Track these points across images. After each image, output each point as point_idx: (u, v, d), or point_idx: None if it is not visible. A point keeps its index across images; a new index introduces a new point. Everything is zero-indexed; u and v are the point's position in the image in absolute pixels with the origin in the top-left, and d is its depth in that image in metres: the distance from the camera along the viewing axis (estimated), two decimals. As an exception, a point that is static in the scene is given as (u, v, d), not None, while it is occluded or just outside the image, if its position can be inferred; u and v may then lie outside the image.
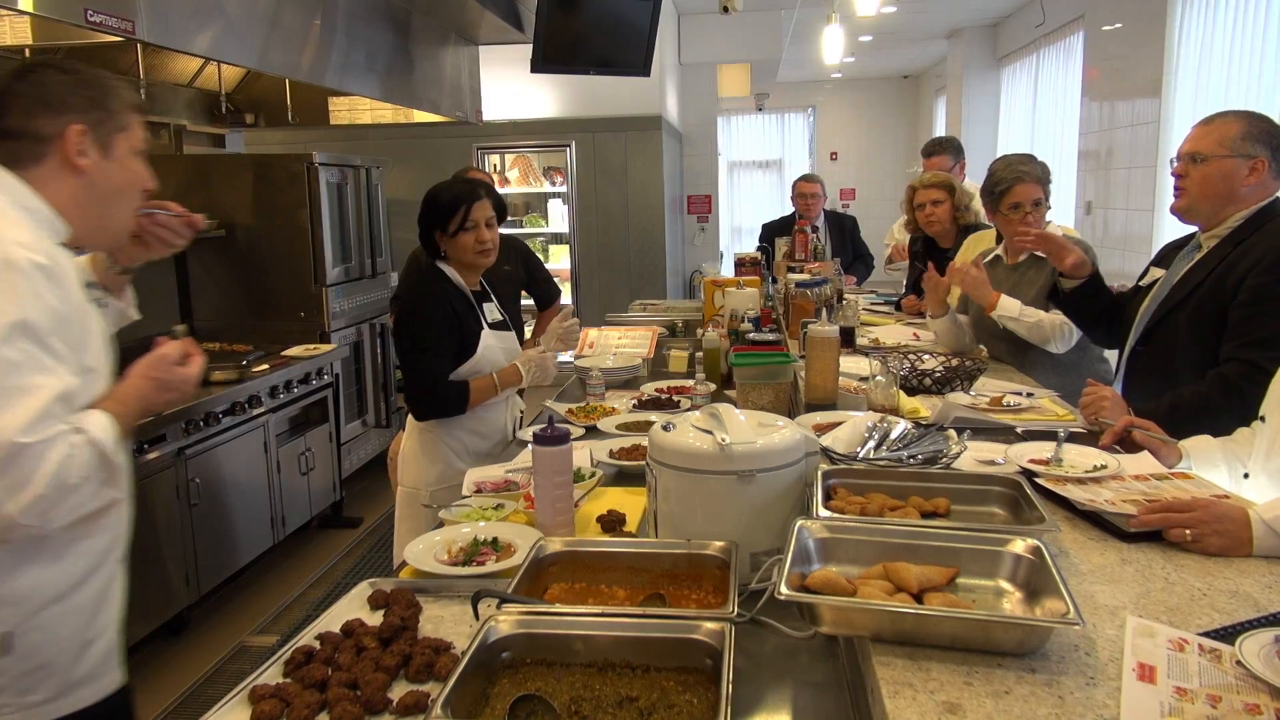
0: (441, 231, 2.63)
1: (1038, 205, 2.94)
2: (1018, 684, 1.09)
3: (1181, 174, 2.26)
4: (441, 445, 2.70)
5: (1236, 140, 2.19)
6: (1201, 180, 2.22)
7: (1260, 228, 2.18)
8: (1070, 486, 1.69)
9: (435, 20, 5.38)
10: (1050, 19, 7.89)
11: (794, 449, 1.57)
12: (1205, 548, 1.46)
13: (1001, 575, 1.33)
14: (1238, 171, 2.19)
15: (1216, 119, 2.25)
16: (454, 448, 2.71)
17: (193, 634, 3.72)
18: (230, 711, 1.19)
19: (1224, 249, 2.23)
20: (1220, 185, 2.21)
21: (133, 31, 2.73)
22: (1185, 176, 2.25)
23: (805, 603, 1.22)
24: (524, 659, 1.25)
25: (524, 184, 7.64)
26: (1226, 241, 2.23)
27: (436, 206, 2.63)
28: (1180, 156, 2.27)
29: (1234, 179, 2.19)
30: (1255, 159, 2.17)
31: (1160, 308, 2.35)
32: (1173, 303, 2.31)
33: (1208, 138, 2.22)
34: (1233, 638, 1.14)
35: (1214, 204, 2.24)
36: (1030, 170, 2.97)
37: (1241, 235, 2.21)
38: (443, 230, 2.62)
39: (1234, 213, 2.23)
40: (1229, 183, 2.20)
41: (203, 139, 5.33)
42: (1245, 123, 2.20)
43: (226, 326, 4.85)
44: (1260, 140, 2.18)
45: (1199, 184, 2.23)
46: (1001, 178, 3.00)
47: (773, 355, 2.63)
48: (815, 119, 14.08)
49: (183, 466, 3.59)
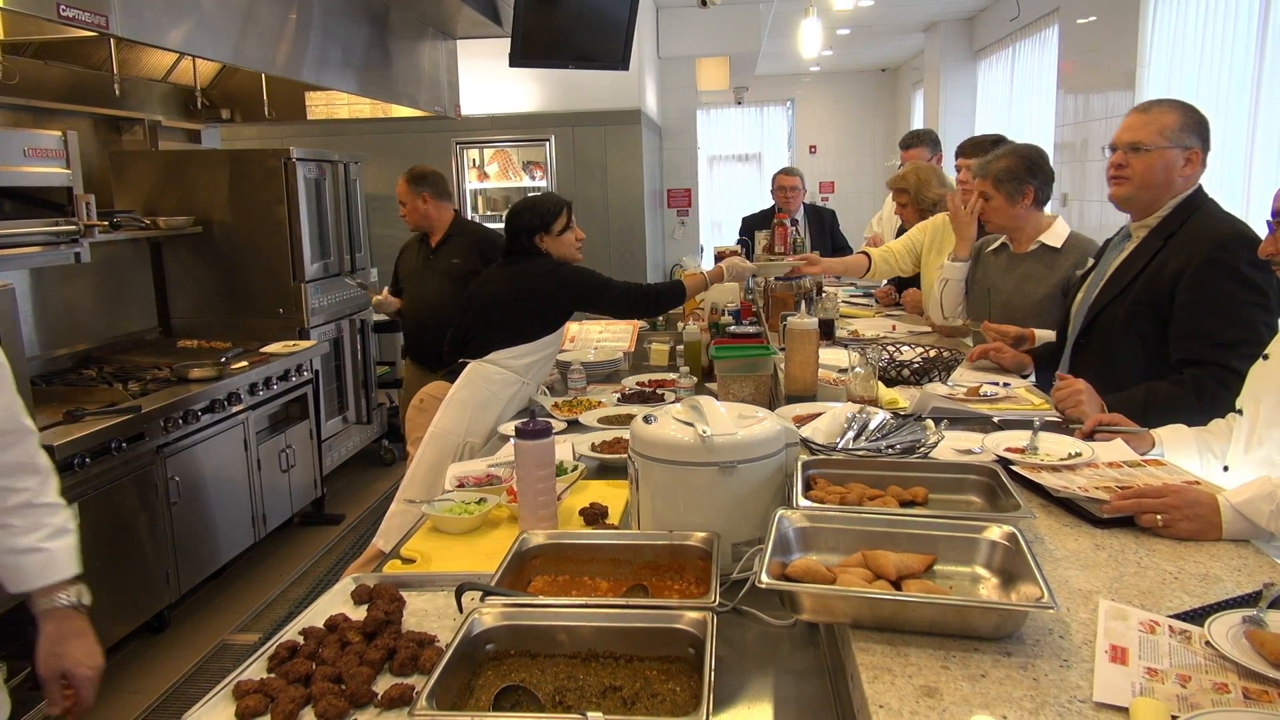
0: (545, 233, 3.10)
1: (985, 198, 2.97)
2: (994, 667, 1.11)
3: (1122, 163, 2.30)
4: (495, 400, 2.95)
5: (1175, 131, 2.24)
6: (1144, 170, 2.27)
7: (1186, 220, 2.24)
8: (1045, 474, 1.72)
9: (412, 14, 5.35)
10: (1025, 12, 7.95)
11: (774, 440, 1.59)
12: (1176, 532, 1.49)
13: (978, 561, 1.35)
14: (1175, 162, 2.25)
15: (1153, 109, 2.30)
16: (507, 405, 2.97)
17: (173, 633, 3.69)
18: (214, 707, 1.19)
19: (1154, 242, 2.28)
20: (1160, 175, 2.27)
21: (106, 26, 2.70)
22: (1126, 166, 2.30)
23: (786, 591, 1.24)
24: (508, 651, 1.26)
25: (503, 179, 7.61)
26: (1156, 234, 2.29)
27: (540, 211, 3.10)
28: (1119, 145, 2.31)
29: (1172, 170, 2.25)
30: (1190, 150, 2.24)
31: (1097, 300, 2.40)
32: (1109, 296, 2.35)
33: (1147, 128, 2.27)
34: (1202, 619, 1.17)
35: (1152, 194, 2.29)
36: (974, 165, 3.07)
37: (1170, 226, 2.26)
38: (546, 231, 3.10)
39: (1164, 201, 2.29)
40: (1168, 173, 2.26)
41: (178, 135, 5.27)
42: (1180, 113, 2.26)
43: (204, 324, 4.81)
44: (1194, 131, 2.24)
45: (1141, 174, 2.28)
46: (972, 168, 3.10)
47: (753, 348, 2.64)
48: (794, 112, 14.12)
49: (162, 465, 3.56)
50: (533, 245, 3.11)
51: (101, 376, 3.85)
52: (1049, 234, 2.97)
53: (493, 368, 2.98)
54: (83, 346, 4.20)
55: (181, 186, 4.75)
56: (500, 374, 2.98)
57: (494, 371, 2.97)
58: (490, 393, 2.95)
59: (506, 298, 3.06)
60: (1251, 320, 2.11)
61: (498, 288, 3.12)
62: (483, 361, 2.99)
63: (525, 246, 3.12)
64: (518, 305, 3.04)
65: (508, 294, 3.07)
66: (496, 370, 2.97)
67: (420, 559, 1.75)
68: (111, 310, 4.47)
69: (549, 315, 3.08)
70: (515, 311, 3.03)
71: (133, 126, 4.85)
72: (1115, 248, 2.44)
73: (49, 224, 3.28)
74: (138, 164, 4.78)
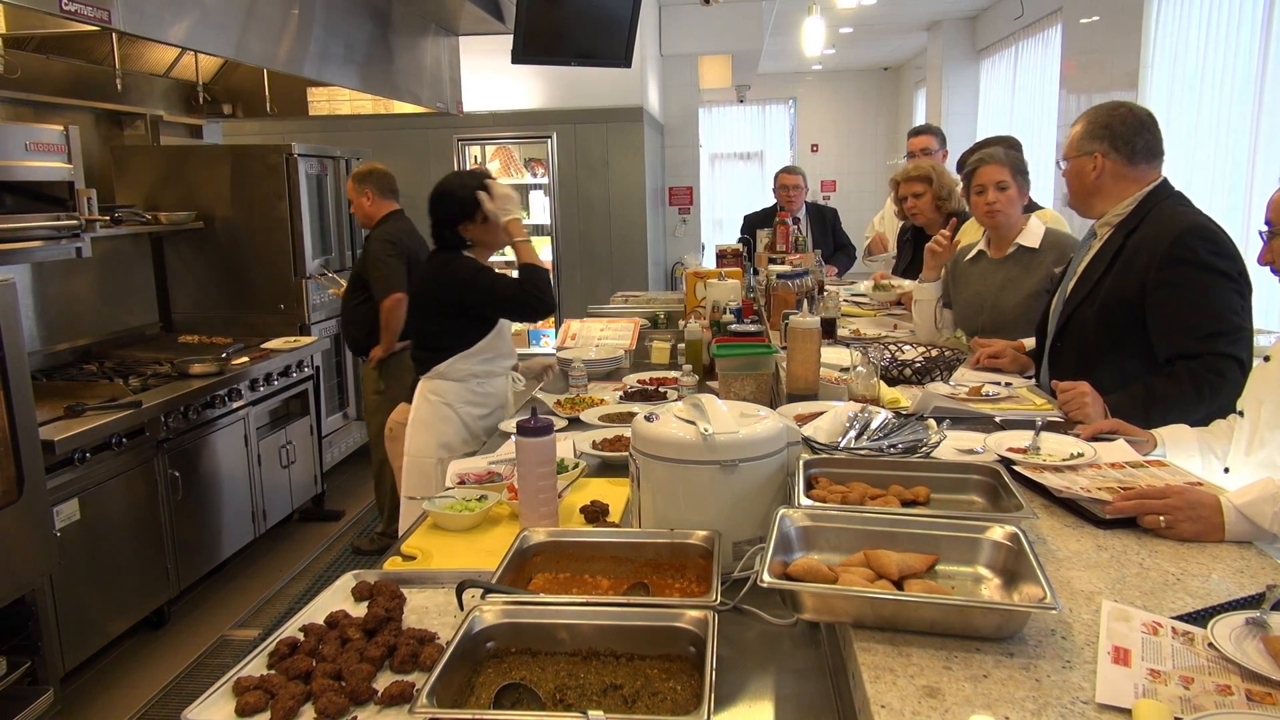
0: (469, 221, 2.85)
1: (1002, 188, 2.96)
2: (996, 667, 1.11)
3: (1064, 175, 2.42)
4: (452, 414, 2.87)
5: (1080, 140, 2.34)
6: (1068, 179, 2.40)
7: (1145, 217, 2.27)
8: (1047, 474, 1.72)
9: (415, 10, 5.34)
10: (1029, 11, 7.94)
11: (776, 439, 1.58)
12: (1179, 534, 1.49)
13: (980, 562, 1.35)
14: (1084, 169, 2.34)
15: (1077, 120, 2.39)
16: (464, 418, 2.89)
17: (173, 628, 3.69)
18: (214, 703, 1.19)
19: (1116, 240, 2.32)
20: (1076, 183, 2.38)
21: (108, 20, 2.69)
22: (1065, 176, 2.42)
23: (788, 590, 1.24)
24: (509, 648, 1.26)
25: (505, 175, 7.60)
26: (1118, 231, 2.33)
27: (460, 199, 2.83)
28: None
29: (1083, 176, 2.35)
30: (1093, 155, 2.31)
31: (1067, 304, 2.43)
32: (1079, 298, 2.39)
33: (1068, 140, 2.39)
34: (1205, 621, 1.17)
35: (1080, 200, 2.41)
36: (993, 153, 3.03)
37: (1131, 224, 2.30)
38: (470, 219, 2.85)
39: (1104, 204, 2.36)
40: (1081, 180, 2.36)
41: (180, 130, 5.26)
42: (1085, 122, 2.35)
43: (205, 319, 4.81)
44: (1095, 135, 2.31)
45: (1069, 183, 2.40)
46: (969, 161, 3.10)
47: (754, 346, 2.64)
48: (796, 111, 14.10)
49: (163, 460, 3.56)
50: (456, 237, 2.90)
51: (102, 371, 3.85)
52: (1025, 235, 3.00)
53: (437, 382, 2.90)
54: (83, 341, 4.19)
55: (183, 182, 4.75)
56: (447, 386, 2.89)
57: (439, 385, 2.90)
58: (443, 410, 2.88)
59: (425, 306, 2.95)
60: (1227, 304, 2.14)
61: (417, 291, 3.04)
62: (427, 378, 2.91)
63: (449, 239, 2.92)
64: (435, 314, 2.91)
65: (425, 301, 2.96)
66: (441, 384, 2.90)
67: (421, 556, 1.75)
68: (112, 305, 4.47)
69: (464, 321, 2.89)
70: (434, 321, 2.92)
71: (134, 121, 4.84)
72: (1083, 246, 2.49)
73: (50, 218, 3.28)
74: (139, 159, 4.77)
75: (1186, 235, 2.16)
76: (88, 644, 3.16)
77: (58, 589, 2.96)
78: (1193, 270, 2.15)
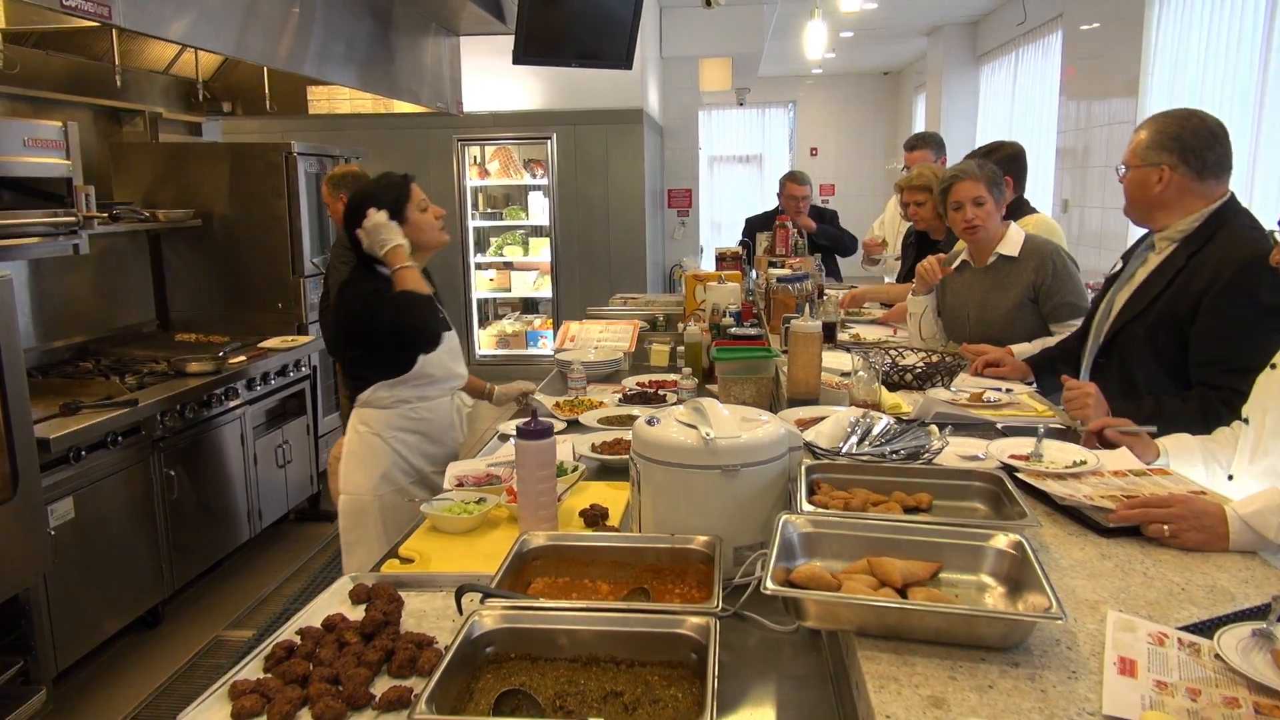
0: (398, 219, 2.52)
1: (978, 204, 2.94)
2: (1001, 678, 1.10)
3: (1121, 181, 2.30)
4: (384, 445, 2.57)
5: (1144, 149, 2.20)
6: (1128, 188, 2.26)
7: (1211, 237, 2.15)
8: (1050, 482, 1.71)
9: (416, 10, 5.33)
10: (1029, 17, 7.95)
11: (778, 444, 1.57)
12: (1183, 543, 1.48)
13: (984, 570, 1.34)
14: (1148, 180, 2.20)
15: (1142, 125, 2.26)
16: (397, 448, 2.58)
17: (167, 628, 3.67)
18: (210, 707, 1.17)
19: (1178, 259, 2.20)
20: (1138, 194, 2.24)
21: (109, 16, 2.68)
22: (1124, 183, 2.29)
23: (791, 597, 1.22)
24: (508, 654, 1.25)
25: (504, 176, 7.60)
26: (1180, 250, 2.21)
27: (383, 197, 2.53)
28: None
29: (1147, 188, 2.20)
30: (1160, 166, 2.17)
31: (1119, 317, 2.33)
32: (1131, 313, 2.28)
33: (1130, 146, 2.25)
34: (1211, 632, 1.16)
35: (1140, 211, 2.27)
36: (966, 168, 3.00)
37: (1195, 244, 2.18)
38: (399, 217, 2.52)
39: (1167, 218, 2.22)
40: (1144, 191, 2.21)
41: (179, 127, 5.24)
42: (1152, 129, 2.21)
43: (203, 317, 4.79)
44: (1163, 146, 2.17)
45: (1128, 192, 2.27)
46: (943, 178, 3.08)
47: (755, 350, 2.63)
48: (796, 114, 14.11)
49: (158, 458, 3.54)
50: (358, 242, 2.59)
51: (98, 369, 3.84)
52: (1005, 244, 3.00)
53: (364, 411, 2.61)
54: (80, 338, 4.17)
55: (181, 179, 4.73)
56: (374, 414, 2.58)
57: (367, 414, 2.60)
58: (372, 441, 2.57)
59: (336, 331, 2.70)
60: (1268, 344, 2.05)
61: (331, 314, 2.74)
62: (356, 407, 2.63)
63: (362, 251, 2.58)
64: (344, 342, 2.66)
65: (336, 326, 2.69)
66: (369, 412, 2.59)
67: (419, 559, 1.74)
68: (109, 302, 4.45)
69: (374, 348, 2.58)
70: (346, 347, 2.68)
71: (133, 118, 4.82)
72: (1139, 257, 2.37)
73: (48, 215, 3.26)
74: (138, 156, 4.75)
75: (1252, 265, 2.02)
76: (81, 643, 3.14)
77: (52, 588, 2.94)
78: (1247, 306, 2.04)
